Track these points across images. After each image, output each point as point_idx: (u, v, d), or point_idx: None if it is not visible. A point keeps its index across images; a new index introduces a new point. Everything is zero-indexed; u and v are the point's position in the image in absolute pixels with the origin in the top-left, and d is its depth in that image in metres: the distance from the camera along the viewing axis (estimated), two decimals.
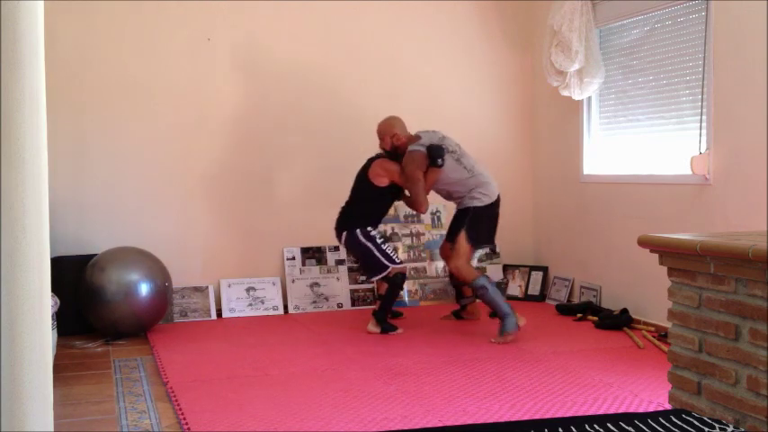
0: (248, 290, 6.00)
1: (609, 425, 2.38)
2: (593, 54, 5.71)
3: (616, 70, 5.77)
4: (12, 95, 1.97)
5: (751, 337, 2.71)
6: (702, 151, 4.85)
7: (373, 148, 6.37)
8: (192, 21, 5.94)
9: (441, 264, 6.48)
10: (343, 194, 6.28)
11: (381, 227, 6.39)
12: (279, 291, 6.08)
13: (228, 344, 5.03)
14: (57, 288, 3.86)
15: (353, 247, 5.31)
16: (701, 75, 4.88)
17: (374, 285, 5.98)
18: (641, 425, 2.39)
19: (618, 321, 5.35)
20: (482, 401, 3.74)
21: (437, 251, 6.51)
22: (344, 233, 5.30)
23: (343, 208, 5.44)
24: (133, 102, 5.84)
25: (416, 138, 5.29)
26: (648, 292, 5.25)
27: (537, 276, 6.53)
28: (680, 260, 3.03)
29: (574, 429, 2.36)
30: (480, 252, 5.93)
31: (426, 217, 6.52)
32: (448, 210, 6.58)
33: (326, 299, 6.15)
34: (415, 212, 6.10)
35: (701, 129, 4.88)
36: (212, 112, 6.00)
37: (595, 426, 2.38)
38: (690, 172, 4.87)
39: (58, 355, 4.63)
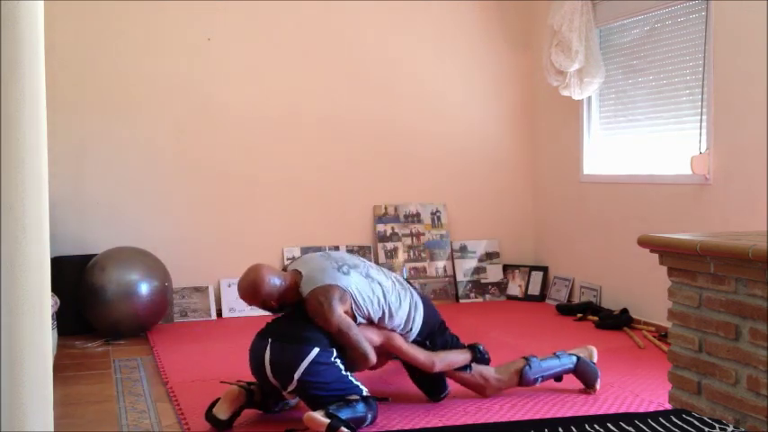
0: None
1: (609, 425, 2.38)
2: (593, 54, 5.71)
3: (616, 70, 5.77)
4: (12, 95, 1.97)
5: (751, 337, 2.71)
6: (702, 151, 4.85)
7: (373, 148, 6.40)
8: (192, 21, 5.94)
9: (441, 263, 6.49)
10: (342, 194, 6.31)
11: (382, 227, 6.40)
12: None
13: (228, 344, 5.03)
14: (57, 288, 3.86)
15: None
16: (701, 75, 4.88)
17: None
18: (641, 425, 2.39)
19: (618, 321, 5.35)
20: (482, 401, 3.74)
21: (437, 251, 6.53)
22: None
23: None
24: (133, 102, 5.83)
25: (296, 275, 3.58)
26: (648, 292, 5.25)
27: (537, 276, 6.53)
28: (680, 260, 3.03)
29: (574, 429, 2.36)
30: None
31: (426, 216, 6.52)
32: (448, 209, 6.59)
33: None
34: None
35: (701, 129, 4.88)
36: (212, 112, 6.00)
37: (595, 426, 2.38)
38: (690, 172, 4.87)
39: (58, 355, 4.63)
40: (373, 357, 3.52)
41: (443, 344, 3.77)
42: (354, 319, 3.53)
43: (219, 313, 5.92)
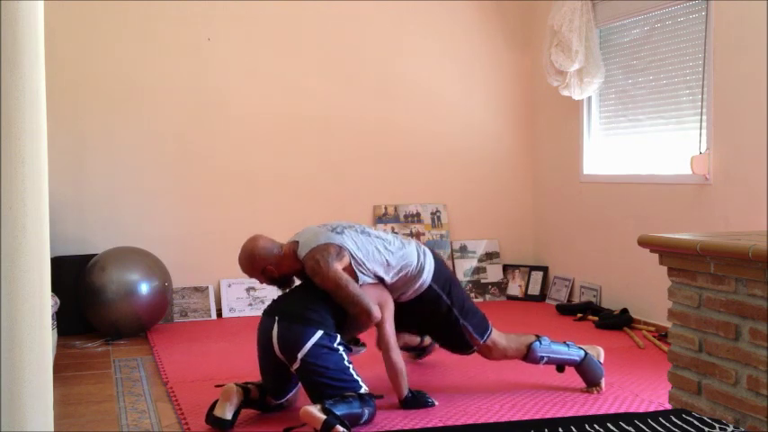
0: (248, 290, 5.99)
1: (609, 425, 2.38)
2: (593, 54, 5.71)
3: (616, 70, 5.77)
4: (12, 95, 1.97)
5: (751, 337, 2.71)
6: (702, 151, 4.85)
7: (373, 148, 6.40)
8: (192, 21, 5.94)
9: None
10: (342, 194, 6.31)
11: (382, 227, 6.40)
12: (279, 291, 6.07)
13: (228, 344, 5.03)
14: (57, 288, 3.86)
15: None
16: (701, 75, 4.88)
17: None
18: (641, 425, 2.39)
19: (618, 321, 5.35)
20: (482, 401, 3.74)
21: (437, 251, 6.51)
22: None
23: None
24: (133, 102, 5.84)
25: (293, 244, 3.72)
26: (648, 292, 5.25)
27: (537, 276, 6.53)
28: (680, 260, 3.03)
29: (574, 429, 2.36)
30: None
31: (426, 216, 6.52)
32: (448, 209, 6.58)
33: None
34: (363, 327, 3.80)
35: (701, 129, 4.88)
36: (212, 112, 6.00)
37: (595, 426, 2.38)
38: (690, 172, 4.87)
39: (58, 355, 4.62)
40: (377, 312, 3.55)
41: (460, 298, 3.84)
42: (357, 279, 3.58)
43: (219, 313, 5.91)
